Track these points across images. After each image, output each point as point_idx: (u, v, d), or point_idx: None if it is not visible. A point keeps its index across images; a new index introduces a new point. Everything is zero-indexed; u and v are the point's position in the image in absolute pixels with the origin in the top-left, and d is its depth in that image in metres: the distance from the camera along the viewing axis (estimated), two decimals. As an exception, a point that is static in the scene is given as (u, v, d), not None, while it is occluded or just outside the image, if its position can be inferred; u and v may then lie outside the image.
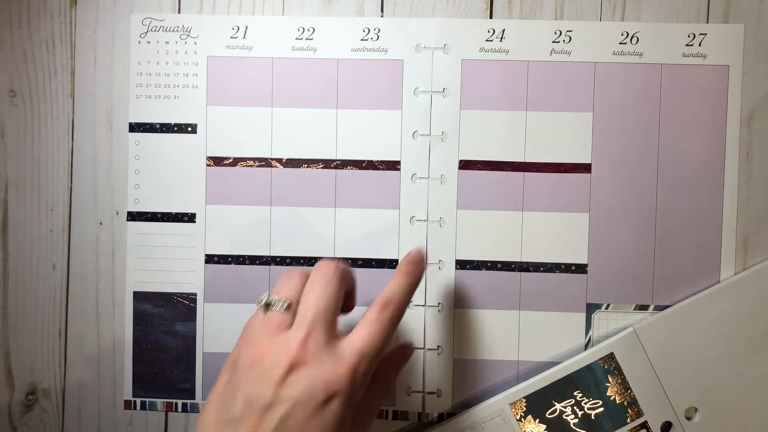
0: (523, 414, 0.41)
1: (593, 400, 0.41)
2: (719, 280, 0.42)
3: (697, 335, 0.41)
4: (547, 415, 0.41)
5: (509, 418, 0.41)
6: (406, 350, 0.39)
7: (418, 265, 0.36)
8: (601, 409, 0.41)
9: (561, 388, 0.41)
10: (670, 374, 0.41)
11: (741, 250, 0.42)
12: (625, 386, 0.41)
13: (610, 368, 0.41)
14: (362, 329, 0.32)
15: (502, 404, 0.41)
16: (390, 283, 0.35)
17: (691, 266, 0.42)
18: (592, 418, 0.41)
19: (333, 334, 0.31)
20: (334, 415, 0.29)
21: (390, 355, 0.38)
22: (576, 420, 0.41)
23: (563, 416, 0.41)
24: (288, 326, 0.31)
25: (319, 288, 0.32)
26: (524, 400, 0.41)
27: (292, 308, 0.31)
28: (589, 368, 0.41)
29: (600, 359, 0.41)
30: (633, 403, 0.41)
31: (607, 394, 0.41)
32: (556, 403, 0.41)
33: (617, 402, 0.41)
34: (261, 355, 0.30)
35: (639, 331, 0.41)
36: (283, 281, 0.33)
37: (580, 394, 0.41)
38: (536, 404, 0.41)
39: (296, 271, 0.33)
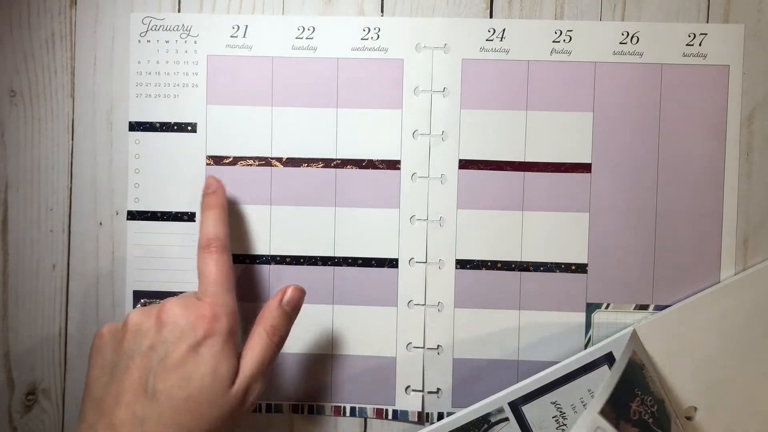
0: (523, 414, 0.41)
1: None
2: (719, 280, 0.42)
3: (697, 335, 0.41)
4: (547, 414, 0.41)
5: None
6: None
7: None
8: (601, 408, 0.41)
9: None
10: (670, 374, 0.41)
11: (741, 250, 0.42)
12: (625, 386, 0.41)
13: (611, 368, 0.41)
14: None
15: (501, 403, 0.41)
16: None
17: (691, 266, 0.42)
18: (592, 417, 0.41)
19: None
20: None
21: None
22: (576, 420, 0.40)
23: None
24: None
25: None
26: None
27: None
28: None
29: (600, 359, 0.41)
30: (633, 402, 0.41)
31: (607, 393, 0.41)
32: (556, 403, 0.41)
33: (617, 402, 0.41)
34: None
35: (639, 330, 0.41)
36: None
37: (580, 394, 0.41)
38: (536, 404, 0.41)
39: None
